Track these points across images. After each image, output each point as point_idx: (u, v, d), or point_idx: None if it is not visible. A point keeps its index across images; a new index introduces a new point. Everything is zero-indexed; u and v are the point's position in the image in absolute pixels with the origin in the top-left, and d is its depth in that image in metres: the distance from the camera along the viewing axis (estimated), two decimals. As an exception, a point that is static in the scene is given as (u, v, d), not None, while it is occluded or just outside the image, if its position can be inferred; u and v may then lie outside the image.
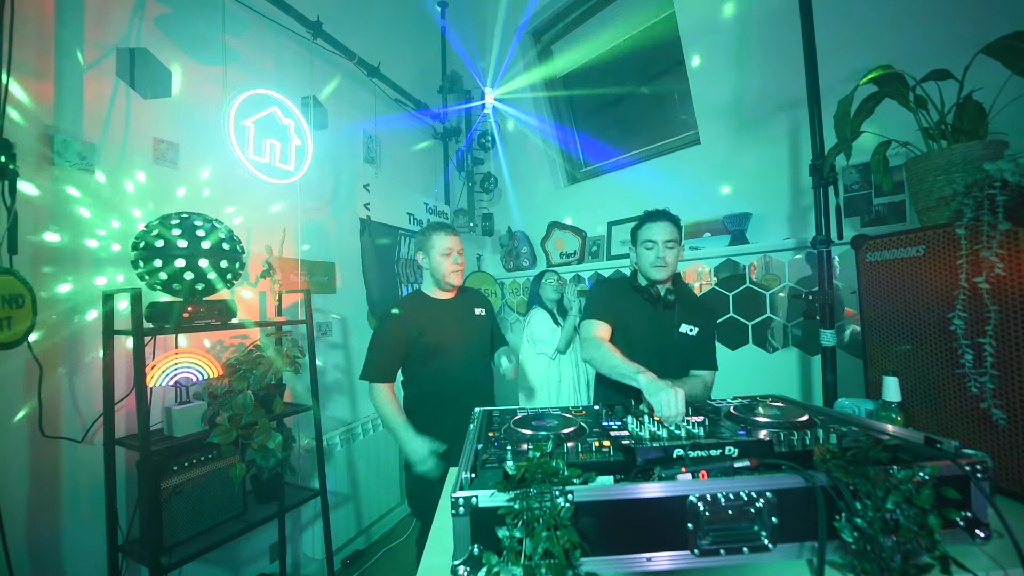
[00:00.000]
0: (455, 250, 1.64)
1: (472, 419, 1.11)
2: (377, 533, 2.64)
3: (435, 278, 1.67)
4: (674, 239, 1.43)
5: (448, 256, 1.63)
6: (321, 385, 2.20)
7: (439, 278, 1.65)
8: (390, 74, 2.81)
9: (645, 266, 1.47)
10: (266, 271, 1.91)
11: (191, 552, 1.44)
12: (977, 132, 1.21)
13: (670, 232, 1.43)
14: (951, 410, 1.10)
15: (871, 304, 1.32)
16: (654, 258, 1.43)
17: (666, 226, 1.44)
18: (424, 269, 1.70)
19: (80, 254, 1.48)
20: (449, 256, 1.63)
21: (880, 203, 1.93)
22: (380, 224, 2.75)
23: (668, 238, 1.42)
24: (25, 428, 1.34)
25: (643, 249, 1.46)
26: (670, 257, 1.43)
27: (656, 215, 1.47)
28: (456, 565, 0.66)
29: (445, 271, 1.63)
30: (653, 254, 1.43)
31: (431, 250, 1.64)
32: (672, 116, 2.85)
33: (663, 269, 1.43)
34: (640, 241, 1.47)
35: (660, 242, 1.42)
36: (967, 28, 1.57)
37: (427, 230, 1.67)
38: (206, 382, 1.60)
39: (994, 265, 0.96)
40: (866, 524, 0.63)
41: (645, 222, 1.48)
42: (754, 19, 2.20)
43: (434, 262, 1.64)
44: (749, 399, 1.16)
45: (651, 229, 1.44)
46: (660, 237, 1.43)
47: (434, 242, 1.63)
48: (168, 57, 1.68)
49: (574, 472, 0.70)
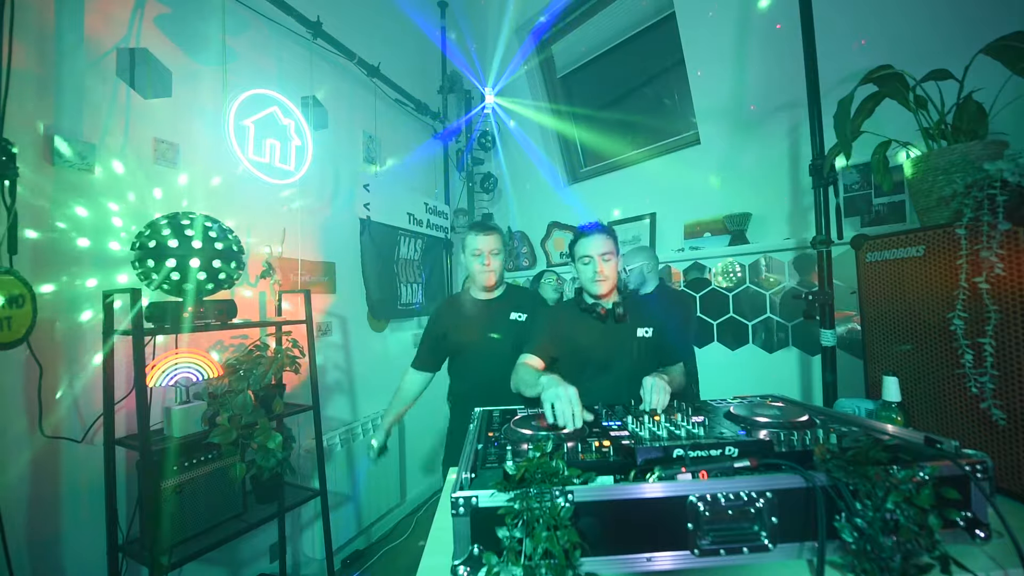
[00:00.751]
0: (485, 250, 1.62)
1: (472, 419, 1.11)
2: (377, 533, 2.64)
3: (471, 279, 1.72)
4: (610, 251, 1.43)
5: (476, 257, 1.63)
6: (321, 385, 2.20)
7: (473, 279, 1.70)
8: (390, 74, 2.81)
9: (585, 281, 1.47)
10: (266, 271, 1.91)
11: (191, 552, 1.43)
12: (977, 132, 1.21)
13: (604, 244, 1.43)
14: (951, 410, 1.10)
15: (871, 304, 1.32)
16: (592, 273, 1.43)
17: (600, 239, 1.43)
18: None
19: (80, 254, 1.48)
20: (478, 257, 1.62)
21: (880, 203, 1.93)
22: (380, 224, 2.75)
23: (604, 251, 1.42)
24: (25, 428, 1.34)
25: (581, 264, 1.46)
26: (608, 270, 1.42)
27: (589, 230, 1.46)
28: (456, 565, 0.66)
29: (474, 272, 1.66)
30: (591, 269, 1.43)
31: (464, 250, 1.67)
32: (672, 116, 2.85)
33: (603, 283, 1.43)
34: (577, 257, 1.46)
35: (596, 256, 1.42)
36: (967, 28, 1.58)
37: (465, 229, 1.70)
38: (206, 382, 1.60)
39: (994, 265, 0.96)
40: (866, 524, 0.63)
41: (579, 238, 1.47)
42: (754, 19, 2.20)
43: (467, 263, 1.67)
44: (749, 399, 1.16)
45: (585, 244, 1.44)
46: (596, 251, 1.42)
47: (467, 242, 1.66)
48: (168, 57, 1.68)
49: (574, 472, 0.70)
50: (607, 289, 1.45)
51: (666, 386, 1.11)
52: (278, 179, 2.03)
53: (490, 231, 1.66)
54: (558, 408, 0.97)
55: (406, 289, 2.98)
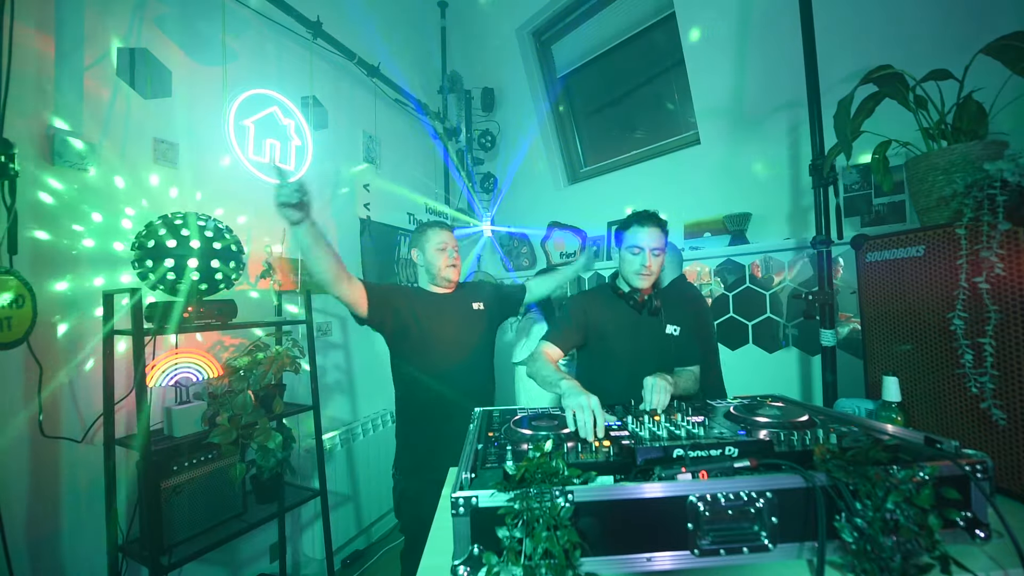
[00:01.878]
0: (450, 245, 1.61)
1: (472, 419, 1.11)
2: (377, 533, 2.64)
3: (431, 274, 1.62)
4: (661, 247, 1.35)
5: (443, 251, 1.60)
6: (321, 385, 2.20)
7: (435, 274, 1.61)
8: (390, 74, 2.81)
9: (628, 272, 1.38)
10: (266, 271, 1.91)
11: (191, 552, 1.44)
12: (977, 132, 1.21)
13: (658, 239, 1.35)
14: (951, 410, 1.10)
15: (871, 304, 1.32)
16: (639, 266, 1.34)
17: (655, 232, 1.35)
18: (420, 267, 1.66)
19: (80, 254, 1.48)
20: (444, 251, 1.60)
21: (880, 203, 1.93)
22: (380, 224, 2.75)
23: (656, 245, 1.34)
24: (25, 428, 1.34)
25: (628, 254, 1.37)
26: (655, 266, 1.34)
27: (645, 218, 1.36)
28: (456, 565, 0.66)
29: (440, 266, 1.59)
30: (638, 261, 1.34)
31: (426, 245, 1.61)
32: (672, 116, 2.85)
33: (648, 278, 1.35)
34: (626, 245, 1.38)
35: (647, 249, 1.33)
36: (967, 28, 1.58)
37: (422, 227, 1.66)
38: (206, 382, 1.60)
39: (994, 265, 0.96)
40: (866, 524, 0.63)
41: (632, 224, 1.37)
42: (754, 19, 2.20)
43: (429, 257, 1.61)
44: (749, 399, 1.16)
45: (639, 234, 1.35)
46: (648, 244, 1.33)
47: (428, 237, 1.61)
48: (168, 57, 1.68)
49: (574, 472, 0.70)
50: (649, 284, 1.37)
51: (667, 386, 1.11)
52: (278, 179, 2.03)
53: (450, 227, 1.66)
54: (579, 418, 0.94)
55: (406, 289, 2.98)
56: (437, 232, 1.62)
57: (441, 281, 1.63)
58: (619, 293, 1.42)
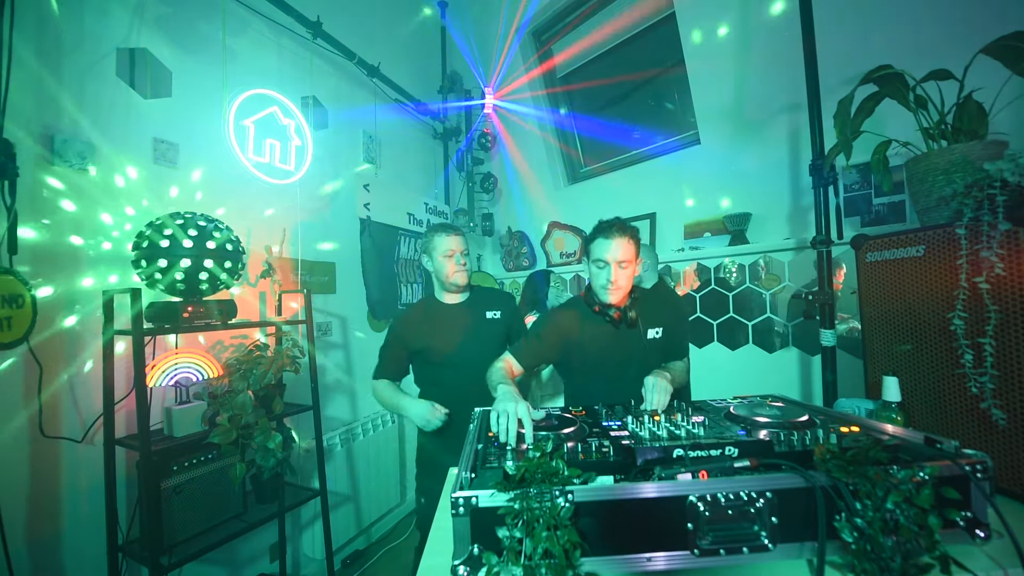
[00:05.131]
0: (458, 251, 1.60)
1: (472, 419, 1.11)
2: (377, 533, 2.64)
3: (439, 280, 1.64)
4: (628, 258, 1.25)
5: (451, 257, 1.59)
6: (321, 385, 2.20)
7: (443, 280, 1.62)
8: (390, 74, 2.81)
9: (596, 287, 1.32)
10: (266, 271, 1.91)
11: (191, 552, 1.44)
12: (977, 132, 1.21)
13: (624, 251, 1.24)
14: (951, 410, 1.10)
15: (871, 304, 1.32)
16: (605, 280, 1.26)
17: (620, 243, 1.24)
18: (431, 273, 1.66)
19: (80, 254, 1.48)
20: (451, 257, 1.59)
21: (880, 203, 1.93)
22: (380, 224, 2.75)
23: (622, 258, 1.24)
24: (25, 428, 1.34)
25: (595, 268, 1.29)
26: (623, 279, 1.26)
27: (609, 230, 1.26)
28: (456, 565, 0.66)
29: (448, 273, 1.59)
30: (604, 276, 1.26)
31: (433, 252, 1.61)
32: (672, 116, 2.85)
33: (615, 292, 1.27)
34: (592, 258, 1.29)
35: (612, 263, 1.24)
36: (967, 28, 1.57)
37: (429, 232, 1.65)
38: (206, 382, 1.60)
39: (994, 265, 0.96)
40: (866, 524, 0.63)
41: (596, 237, 1.28)
42: (754, 19, 2.20)
43: (437, 264, 1.61)
44: (749, 399, 1.16)
45: (602, 246, 1.25)
46: (614, 256, 1.24)
47: (436, 243, 1.60)
48: (168, 57, 1.68)
49: (574, 472, 0.70)
50: (618, 299, 1.30)
51: (668, 385, 1.11)
52: (278, 179, 2.03)
53: (459, 231, 1.64)
54: (500, 422, 0.95)
55: (406, 289, 2.98)
56: (444, 239, 1.60)
57: (450, 287, 1.63)
58: (594, 308, 1.34)
